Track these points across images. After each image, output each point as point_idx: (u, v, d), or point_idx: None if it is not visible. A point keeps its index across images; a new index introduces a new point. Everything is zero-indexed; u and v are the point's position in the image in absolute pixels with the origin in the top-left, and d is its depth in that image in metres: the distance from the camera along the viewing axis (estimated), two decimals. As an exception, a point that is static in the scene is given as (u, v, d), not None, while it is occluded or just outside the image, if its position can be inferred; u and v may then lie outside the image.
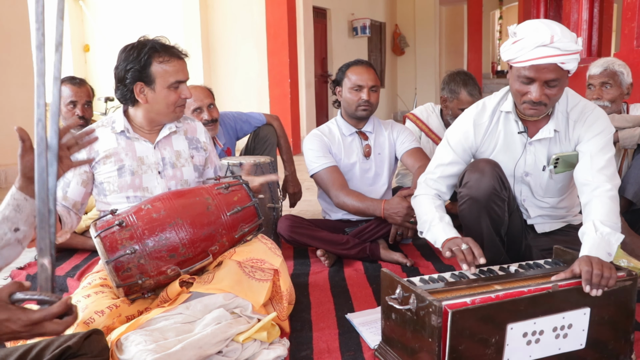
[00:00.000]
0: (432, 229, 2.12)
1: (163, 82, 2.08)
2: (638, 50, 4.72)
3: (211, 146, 2.37)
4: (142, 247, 1.83)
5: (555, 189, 2.29)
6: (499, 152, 2.27)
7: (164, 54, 2.09)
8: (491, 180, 2.14)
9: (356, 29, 12.14)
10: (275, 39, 7.92)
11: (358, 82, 2.87)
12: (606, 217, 1.89)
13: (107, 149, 2.12)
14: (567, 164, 2.19)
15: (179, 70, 2.11)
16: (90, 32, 9.78)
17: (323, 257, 2.80)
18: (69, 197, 2.11)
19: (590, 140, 2.11)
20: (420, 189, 2.31)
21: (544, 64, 1.93)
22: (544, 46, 1.91)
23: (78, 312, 1.30)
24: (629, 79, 2.95)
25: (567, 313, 1.58)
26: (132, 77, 2.07)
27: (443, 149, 2.32)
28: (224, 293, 1.84)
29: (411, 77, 14.69)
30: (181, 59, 2.15)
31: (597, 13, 7.65)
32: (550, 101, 2.04)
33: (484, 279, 1.76)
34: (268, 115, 3.56)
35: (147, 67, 2.07)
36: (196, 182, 2.26)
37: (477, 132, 2.27)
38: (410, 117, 3.67)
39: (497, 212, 2.19)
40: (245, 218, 2.02)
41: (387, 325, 1.72)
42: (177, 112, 2.16)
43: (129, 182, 2.12)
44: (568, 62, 1.93)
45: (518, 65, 1.99)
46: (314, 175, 2.93)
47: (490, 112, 2.26)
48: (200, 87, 3.14)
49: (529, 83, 2.01)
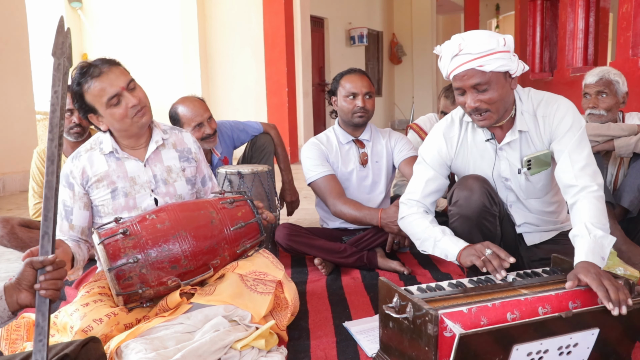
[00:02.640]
0: (438, 245, 2.11)
1: (100, 105, 2.00)
2: (633, 59, 4.75)
3: (201, 155, 2.34)
4: (145, 257, 1.84)
5: (535, 190, 2.27)
6: (476, 161, 2.26)
7: (87, 79, 1.99)
8: (481, 198, 2.15)
9: (353, 38, 12.21)
10: (273, 48, 7.95)
11: (352, 90, 2.90)
12: (596, 219, 1.90)
13: (99, 172, 2.10)
14: (540, 163, 2.17)
15: (106, 86, 1.98)
16: (89, 41, 9.81)
17: (320, 266, 2.80)
18: (75, 225, 2.10)
19: (564, 137, 2.08)
20: (405, 210, 2.28)
21: (462, 72, 1.98)
22: (456, 56, 1.99)
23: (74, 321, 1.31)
24: (624, 87, 2.96)
25: (575, 334, 1.55)
26: (82, 113, 2.05)
27: (420, 167, 2.31)
28: (225, 305, 1.84)
29: (408, 85, 14.75)
30: (104, 72, 1.99)
31: (593, 22, 7.70)
32: (492, 106, 2.03)
33: (482, 287, 1.76)
34: (265, 124, 3.57)
35: (82, 100, 2.02)
36: (190, 195, 2.25)
37: (450, 145, 2.26)
38: (414, 128, 3.67)
39: (489, 227, 2.20)
40: (248, 234, 2.03)
41: (385, 334, 1.72)
42: (136, 121, 2.06)
43: (123, 204, 2.10)
44: (487, 63, 1.94)
45: (449, 79, 2.07)
46: (312, 184, 2.94)
47: (458, 124, 2.27)
48: (198, 101, 3.12)
49: (462, 94, 2.05)
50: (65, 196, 2.10)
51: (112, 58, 2.07)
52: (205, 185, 2.36)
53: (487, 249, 1.91)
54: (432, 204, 2.29)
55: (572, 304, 1.67)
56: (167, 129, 2.27)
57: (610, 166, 2.95)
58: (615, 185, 2.93)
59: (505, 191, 2.28)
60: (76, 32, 9.79)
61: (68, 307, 1.94)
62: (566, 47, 7.88)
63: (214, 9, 9.04)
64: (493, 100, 2.01)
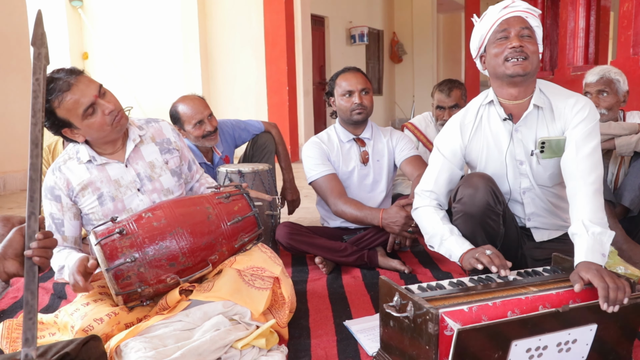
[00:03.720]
0: (444, 244, 2.15)
1: (76, 118, 1.94)
2: (634, 58, 4.75)
3: (181, 142, 2.30)
4: (143, 256, 1.83)
5: (544, 177, 2.27)
6: (490, 146, 2.27)
7: (56, 94, 1.89)
8: (485, 196, 2.15)
9: (354, 36, 12.20)
10: (274, 47, 7.95)
11: (347, 88, 2.91)
12: (593, 215, 1.91)
13: (81, 181, 2.07)
14: (553, 148, 2.18)
15: (78, 98, 1.91)
16: (89, 39, 9.80)
17: (321, 265, 2.80)
18: (67, 236, 2.10)
19: (577, 126, 2.12)
20: (419, 201, 2.31)
21: (514, 16, 2.12)
22: (507, 7, 2.15)
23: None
24: (625, 86, 2.96)
25: (573, 329, 1.56)
26: (55, 130, 1.98)
27: (434, 156, 2.34)
28: (224, 301, 1.84)
29: (409, 84, 14.73)
30: (72, 84, 1.91)
31: (594, 21, 7.70)
32: (530, 56, 2.09)
33: (482, 286, 1.76)
34: (266, 123, 3.58)
35: (54, 117, 1.93)
36: (177, 187, 2.23)
37: (464, 132, 2.29)
38: (409, 127, 3.70)
39: (492, 226, 2.20)
40: (245, 228, 2.02)
41: (385, 333, 1.72)
42: (115, 126, 2.02)
43: (112, 209, 2.10)
44: (532, 19, 2.14)
45: (490, 32, 2.16)
46: (313, 183, 2.94)
47: (475, 111, 2.30)
48: (198, 99, 3.13)
49: (505, 38, 2.12)
50: (53, 209, 2.08)
51: (74, 67, 1.99)
52: (191, 169, 2.35)
53: (488, 249, 1.93)
54: (445, 196, 2.30)
55: (572, 302, 1.66)
56: (142, 123, 2.24)
57: (611, 165, 2.95)
58: (616, 184, 2.93)
59: (520, 177, 2.28)
60: (76, 31, 9.78)
61: (68, 306, 1.94)
62: (567, 46, 7.88)
63: (214, 8, 9.03)
64: (532, 50, 2.11)
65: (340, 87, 2.94)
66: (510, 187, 2.29)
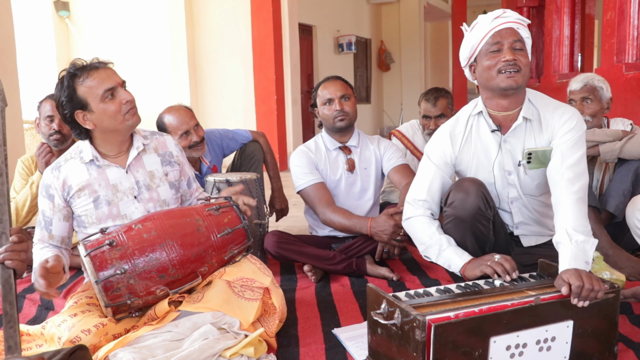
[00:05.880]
0: (443, 254, 2.17)
1: (94, 98, 2.01)
2: (618, 66, 4.81)
3: (183, 158, 2.33)
4: (132, 267, 1.83)
5: (531, 187, 2.30)
6: (479, 156, 2.29)
7: (81, 72, 2.02)
8: (476, 200, 2.17)
9: (342, 45, 12.26)
10: (262, 56, 7.96)
11: (327, 96, 2.94)
12: (577, 222, 1.93)
13: (80, 181, 2.09)
14: (540, 159, 2.21)
15: (103, 79, 2.02)
16: (77, 49, 9.76)
17: (310, 273, 2.80)
18: (54, 235, 2.10)
19: (564, 136, 2.15)
20: (412, 210, 2.31)
21: (505, 28, 2.13)
22: (498, 17, 2.15)
23: (62, 332, 1.37)
24: (608, 93, 3.00)
25: (550, 326, 1.60)
26: (69, 110, 2.03)
27: (425, 165, 2.35)
28: (213, 312, 1.84)
29: (397, 92, 14.80)
30: (101, 68, 2.06)
31: (579, 29, 7.78)
32: (522, 68, 2.11)
33: (469, 293, 1.77)
34: (254, 132, 3.58)
35: (73, 94, 2.01)
36: (174, 199, 2.24)
37: (455, 142, 2.31)
38: (396, 134, 3.72)
39: (482, 230, 2.22)
40: (235, 239, 2.03)
41: (373, 340, 1.73)
42: (127, 119, 2.07)
43: (106, 213, 2.10)
44: (523, 30, 2.14)
45: (482, 43, 2.15)
46: (301, 192, 2.95)
47: (465, 121, 2.32)
48: (184, 109, 3.13)
49: (497, 50, 2.13)
50: (45, 207, 2.10)
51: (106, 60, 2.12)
52: (190, 187, 2.36)
53: (496, 255, 1.98)
54: (436, 204, 2.32)
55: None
56: (147, 134, 2.26)
57: (596, 171, 2.99)
58: (601, 190, 2.96)
59: (508, 187, 2.31)
60: (63, 41, 9.74)
61: (55, 317, 1.92)
62: (552, 54, 7.96)
63: (202, 17, 9.03)
64: (524, 63, 2.13)
65: (320, 96, 2.97)
66: (499, 197, 2.32)
